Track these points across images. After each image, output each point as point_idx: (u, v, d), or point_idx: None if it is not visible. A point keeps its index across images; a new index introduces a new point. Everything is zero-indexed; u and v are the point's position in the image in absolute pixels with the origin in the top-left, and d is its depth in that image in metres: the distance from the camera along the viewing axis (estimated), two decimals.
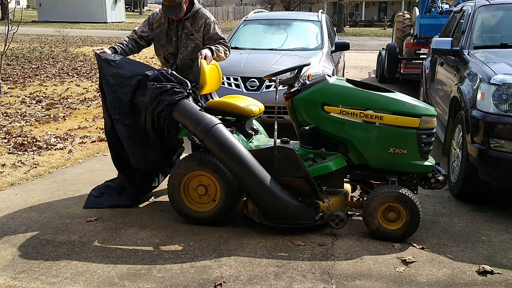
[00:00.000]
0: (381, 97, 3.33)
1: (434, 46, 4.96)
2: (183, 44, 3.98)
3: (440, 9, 9.78)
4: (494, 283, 2.81)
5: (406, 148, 3.30)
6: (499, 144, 3.57)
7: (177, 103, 3.41)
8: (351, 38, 25.46)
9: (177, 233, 3.42)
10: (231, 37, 7.17)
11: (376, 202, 3.26)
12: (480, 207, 3.95)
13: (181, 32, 3.97)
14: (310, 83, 3.44)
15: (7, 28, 8.54)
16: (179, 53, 4.00)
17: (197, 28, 3.98)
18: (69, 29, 26.03)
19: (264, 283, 2.78)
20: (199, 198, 3.55)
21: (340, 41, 7.13)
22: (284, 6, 36.13)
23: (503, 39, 4.74)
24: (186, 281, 2.80)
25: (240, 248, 3.20)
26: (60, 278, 2.82)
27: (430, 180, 3.43)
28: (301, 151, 3.46)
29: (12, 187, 4.35)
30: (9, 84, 9.56)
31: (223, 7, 52.71)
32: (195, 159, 3.48)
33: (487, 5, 5.11)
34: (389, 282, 2.80)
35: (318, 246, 3.23)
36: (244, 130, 3.69)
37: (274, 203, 3.27)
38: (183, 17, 3.92)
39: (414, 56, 9.73)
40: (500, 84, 3.60)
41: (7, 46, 8.78)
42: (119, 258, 3.07)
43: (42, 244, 3.24)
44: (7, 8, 12.37)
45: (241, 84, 5.76)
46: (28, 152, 5.31)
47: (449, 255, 3.14)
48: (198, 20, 3.98)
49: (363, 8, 48.31)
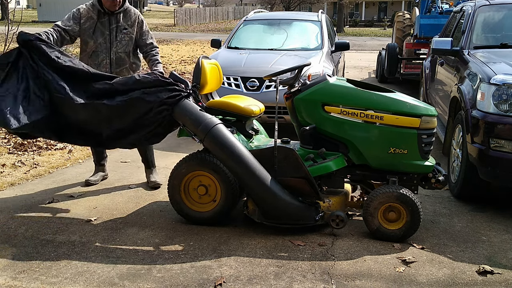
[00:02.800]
0: (382, 97, 3.33)
1: (434, 46, 4.96)
2: (117, 38, 4.03)
3: (440, 9, 9.78)
4: (494, 283, 2.82)
5: (407, 148, 3.30)
6: (499, 144, 3.57)
7: (177, 103, 3.40)
8: (351, 38, 25.47)
9: (177, 233, 3.42)
10: (231, 37, 7.17)
11: (376, 202, 3.26)
12: (480, 207, 3.95)
13: (114, 25, 4.02)
14: (310, 83, 3.44)
15: (7, 28, 8.54)
16: (112, 46, 4.03)
17: (130, 23, 4.08)
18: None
19: (264, 283, 2.78)
20: (200, 198, 3.55)
21: (340, 41, 7.13)
22: (284, 6, 36.13)
23: (503, 39, 4.74)
24: (186, 281, 2.80)
25: (240, 248, 3.20)
26: (60, 278, 2.82)
27: (431, 180, 3.43)
28: (301, 151, 3.46)
29: (12, 187, 4.35)
30: None
31: (223, 7, 52.78)
32: (195, 159, 3.48)
33: (487, 5, 5.11)
34: (389, 282, 2.80)
35: (318, 246, 3.23)
36: (244, 130, 3.69)
37: (275, 203, 3.27)
38: (117, 10, 3.98)
39: (414, 56, 9.73)
40: (500, 84, 3.60)
41: (7, 46, 8.77)
42: (119, 258, 3.07)
43: (42, 244, 3.24)
44: (7, 8, 12.37)
45: (241, 84, 5.76)
46: (28, 152, 5.31)
47: (449, 255, 3.14)
48: (130, 16, 4.09)
49: (363, 8, 48.33)
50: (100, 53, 4.04)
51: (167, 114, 3.40)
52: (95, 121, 3.47)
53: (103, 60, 4.04)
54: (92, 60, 4.04)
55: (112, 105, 3.38)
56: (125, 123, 3.44)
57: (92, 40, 4.01)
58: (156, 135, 3.54)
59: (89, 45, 4.03)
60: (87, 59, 4.05)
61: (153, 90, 3.40)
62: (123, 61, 4.11)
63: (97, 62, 4.04)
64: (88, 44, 4.03)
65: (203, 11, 44.55)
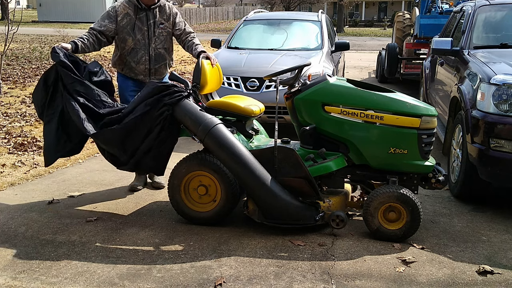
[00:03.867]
0: (382, 97, 3.33)
1: (434, 46, 4.96)
2: (155, 33, 4.00)
3: (440, 9, 9.78)
4: (494, 283, 2.82)
5: (407, 148, 3.30)
6: (499, 144, 3.57)
7: (177, 103, 3.41)
8: (351, 38, 25.46)
9: (177, 233, 3.42)
10: (231, 37, 7.17)
11: (377, 202, 3.26)
12: (480, 207, 3.95)
13: (151, 21, 3.99)
14: (310, 83, 3.44)
15: (7, 28, 8.54)
16: (151, 42, 3.99)
17: (166, 17, 4.04)
18: (69, 29, 26.00)
19: (264, 283, 2.78)
20: (200, 198, 3.55)
21: (340, 41, 7.13)
22: (284, 6, 36.11)
23: (503, 39, 4.74)
24: (186, 281, 2.80)
25: (240, 248, 3.20)
26: (60, 278, 2.82)
27: (431, 180, 3.43)
28: (301, 151, 3.46)
29: (12, 187, 4.35)
30: (9, 84, 9.56)
31: (223, 7, 52.74)
32: (195, 159, 3.48)
33: (487, 5, 5.11)
34: (389, 282, 2.80)
35: (318, 246, 3.23)
36: (244, 130, 3.69)
37: (275, 203, 3.27)
38: (154, 4, 3.95)
39: (414, 56, 9.73)
40: (500, 84, 3.60)
41: (7, 46, 8.78)
42: (119, 258, 3.07)
43: (42, 244, 3.24)
44: (7, 8, 12.36)
45: (241, 84, 5.76)
46: (28, 152, 5.31)
47: (449, 255, 3.14)
48: (165, 10, 4.06)
49: (363, 8, 48.32)
50: (139, 50, 3.98)
51: (168, 114, 3.40)
52: (109, 147, 3.52)
53: (142, 57, 3.99)
54: (131, 58, 3.99)
55: (120, 128, 3.41)
56: (137, 141, 3.45)
57: (131, 37, 3.94)
58: (164, 141, 3.49)
59: (128, 42, 3.96)
60: (125, 57, 4.00)
61: (155, 98, 3.41)
62: (163, 57, 4.06)
63: (136, 59, 3.99)
64: (127, 41, 3.96)
65: (203, 11, 44.52)
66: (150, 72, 4.06)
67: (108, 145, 3.52)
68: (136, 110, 3.42)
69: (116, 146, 3.47)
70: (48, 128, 3.56)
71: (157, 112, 3.39)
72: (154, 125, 3.40)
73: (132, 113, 3.43)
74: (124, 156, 3.49)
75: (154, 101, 3.41)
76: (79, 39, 3.77)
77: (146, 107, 3.40)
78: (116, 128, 3.41)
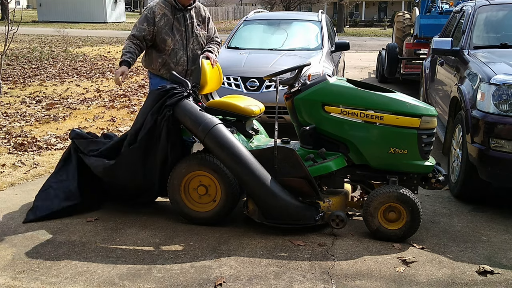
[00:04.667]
0: (382, 97, 3.33)
1: (434, 46, 4.96)
2: (192, 34, 3.99)
3: (440, 9, 9.78)
4: (494, 283, 2.81)
5: (407, 148, 3.30)
6: (499, 144, 3.57)
7: (177, 104, 3.41)
8: (351, 38, 25.46)
9: (177, 233, 3.42)
10: (231, 37, 7.17)
11: (377, 202, 3.26)
12: (480, 207, 3.95)
13: (189, 21, 3.98)
14: (310, 83, 3.44)
15: (7, 28, 8.54)
16: (188, 43, 3.97)
17: (201, 19, 4.07)
18: (69, 29, 26.02)
19: (264, 283, 2.78)
20: (200, 198, 3.55)
21: (340, 41, 7.13)
22: (284, 6, 36.10)
23: (503, 39, 4.74)
24: (186, 281, 2.80)
25: (240, 248, 3.20)
26: (60, 278, 2.82)
27: (431, 180, 3.43)
28: (301, 151, 3.46)
29: (12, 187, 4.35)
30: (9, 84, 9.56)
31: (223, 7, 52.71)
32: (195, 159, 3.48)
33: (487, 5, 5.11)
34: (389, 282, 2.80)
35: (318, 246, 3.23)
36: (244, 130, 3.69)
37: (275, 203, 3.27)
38: (190, 4, 3.96)
39: (414, 56, 9.73)
40: (500, 84, 3.60)
41: (7, 46, 8.78)
42: (119, 258, 3.07)
43: (42, 244, 3.24)
44: (7, 8, 12.37)
45: (241, 84, 5.76)
46: (28, 152, 5.31)
47: (449, 255, 3.14)
48: (201, 12, 4.08)
49: (363, 8, 48.33)
50: (178, 50, 3.94)
51: (169, 115, 3.40)
52: (131, 174, 3.59)
53: (181, 57, 3.96)
54: (170, 59, 3.95)
55: (138, 146, 3.49)
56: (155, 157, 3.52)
57: (170, 38, 3.91)
58: (174, 144, 3.52)
59: (168, 43, 3.91)
60: (166, 58, 3.95)
61: (157, 105, 3.44)
62: (198, 57, 4.01)
63: (175, 60, 3.95)
64: (167, 42, 3.91)
65: None
66: (187, 73, 4.03)
67: (130, 172, 3.55)
68: (146, 124, 3.46)
69: (139, 170, 3.53)
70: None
71: (160, 116, 3.41)
72: (160, 130, 3.43)
73: (142, 129, 3.47)
74: (148, 180, 3.57)
75: (157, 108, 3.44)
76: (130, 56, 3.80)
77: (153, 116, 3.43)
78: (134, 148, 3.48)
